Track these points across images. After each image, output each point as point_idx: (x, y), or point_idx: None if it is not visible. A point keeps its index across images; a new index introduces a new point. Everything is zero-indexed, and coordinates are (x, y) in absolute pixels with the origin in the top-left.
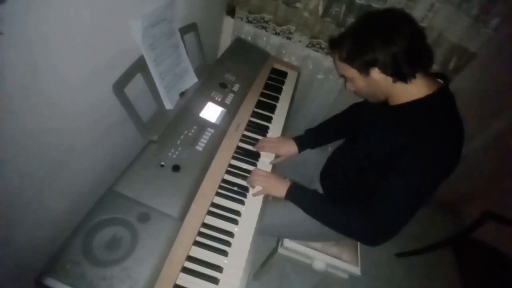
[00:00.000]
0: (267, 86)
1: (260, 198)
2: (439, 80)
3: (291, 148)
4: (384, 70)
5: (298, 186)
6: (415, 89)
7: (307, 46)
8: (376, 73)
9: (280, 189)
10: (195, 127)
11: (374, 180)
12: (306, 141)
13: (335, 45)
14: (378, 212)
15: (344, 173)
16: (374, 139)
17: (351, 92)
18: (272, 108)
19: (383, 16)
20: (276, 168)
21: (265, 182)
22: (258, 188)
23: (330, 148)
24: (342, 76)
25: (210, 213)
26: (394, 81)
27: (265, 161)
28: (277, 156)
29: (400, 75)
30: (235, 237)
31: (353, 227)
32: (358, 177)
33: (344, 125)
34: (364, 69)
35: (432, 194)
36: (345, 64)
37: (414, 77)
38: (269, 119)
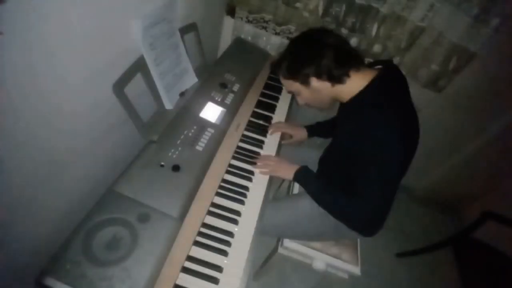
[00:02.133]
0: (267, 86)
1: (260, 198)
2: (379, 66)
3: (301, 131)
4: (320, 78)
5: (306, 169)
6: (354, 85)
7: None
8: (315, 82)
9: (289, 171)
10: (195, 127)
11: (353, 171)
12: (315, 128)
13: (276, 69)
14: (361, 197)
15: (332, 169)
16: (341, 132)
17: (304, 106)
18: (272, 108)
19: (307, 35)
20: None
21: (276, 165)
22: (266, 170)
23: None
24: (290, 92)
25: (210, 213)
26: (332, 85)
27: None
28: (286, 138)
29: (335, 78)
30: (235, 237)
31: (347, 212)
32: (343, 171)
33: None
34: (305, 81)
35: (403, 170)
36: (288, 80)
37: (349, 76)
38: (269, 119)
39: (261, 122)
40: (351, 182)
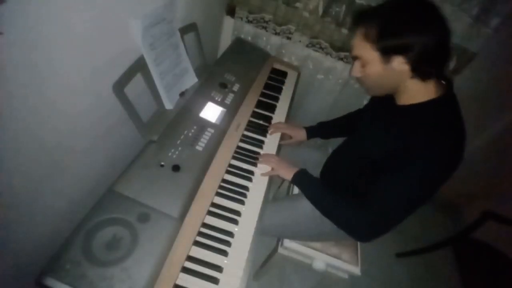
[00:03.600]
0: (267, 86)
1: (260, 198)
2: (443, 82)
3: (301, 132)
4: (408, 61)
5: (305, 172)
6: (424, 91)
7: (307, 46)
8: (398, 63)
9: (289, 171)
10: (195, 127)
11: (373, 179)
12: (316, 130)
13: (364, 19)
14: (374, 208)
15: (343, 172)
16: (377, 138)
17: (355, 80)
18: (272, 108)
19: (423, 2)
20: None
21: (277, 164)
22: (267, 169)
23: (330, 149)
24: (355, 57)
25: (210, 213)
26: (411, 76)
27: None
28: (285, 139)
29: (421, 70)
30: (235, 237)
31: (348, 218)
32: (358, 176)
33: (355, 122)
34: (388, 54)
35: (430, 197)
36: (367, 43)
37: (429, 78)
38: (269, 119)
39: (261, 122)
40: (362, 188)
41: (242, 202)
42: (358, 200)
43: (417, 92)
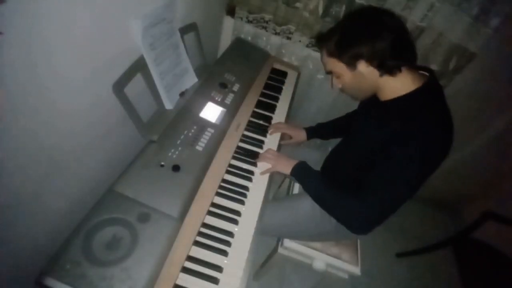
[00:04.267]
0: (267, 86)
1: (260, 198)
2: (425, 73)
3: (301, 132)
4: (370, 63)
5: (304, 164)
6: (401, 84)
7: (307, 46)
8: (362, 66)
9: (287, 166)
10: (195, 127)
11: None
12: (315, 131)
13: (323, 40)
14: (372, 199)
15: (342, 171)
16: (370, 135)
17: (338, 89)
18: (272, 108)
19: (369, 12)
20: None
21: (275, 160)
22: (267, 166)
23: (330, 148)
24: (329, 72)
25: (210, 213)
26: (380, 75)
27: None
28: (285, 139)
29: (386, 68)
30: (235, 237)
31: (346, 210)
32: (357, 175)
33: (353, 122)
34: (351, 62)
35: (421, 184)
36: (332, 58)
37: (400, 70)
38: (269, 119)
39: (261, 122)
40: (359, 183)
41: (242, 202)
42: (356, 193)
43: (393, 87)
